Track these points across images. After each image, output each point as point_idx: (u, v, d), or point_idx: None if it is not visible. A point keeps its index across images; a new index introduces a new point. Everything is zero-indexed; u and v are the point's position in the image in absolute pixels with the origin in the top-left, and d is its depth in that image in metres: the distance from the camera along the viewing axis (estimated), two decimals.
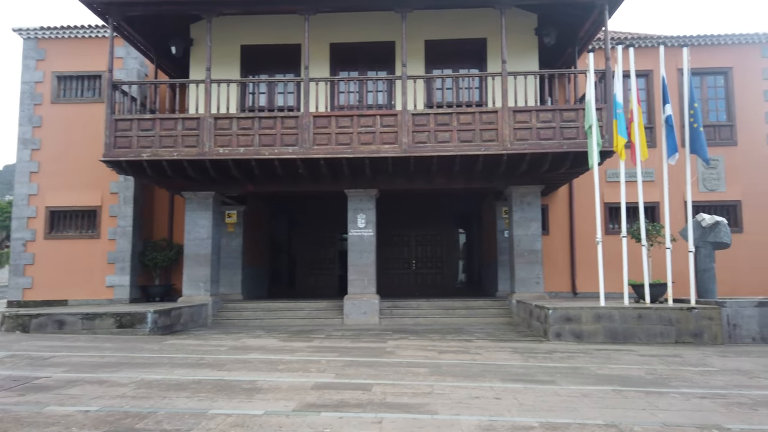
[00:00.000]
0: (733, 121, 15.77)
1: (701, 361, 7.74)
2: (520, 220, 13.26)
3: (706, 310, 9.75)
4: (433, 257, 19.13)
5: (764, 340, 9.65)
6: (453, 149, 11.70)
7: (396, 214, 18.49)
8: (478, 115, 11.76)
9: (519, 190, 13.27)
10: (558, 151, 11.63)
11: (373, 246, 13.38)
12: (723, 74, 15.93)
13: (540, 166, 12.20)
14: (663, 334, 9.74)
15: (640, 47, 15.68)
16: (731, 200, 15.59)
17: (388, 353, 8.21)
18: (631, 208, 12.04)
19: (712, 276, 11.45)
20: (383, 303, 13.57)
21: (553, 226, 16.08)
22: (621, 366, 7.26)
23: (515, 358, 7.82)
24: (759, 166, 15.60)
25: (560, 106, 11.83)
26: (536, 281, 13.11)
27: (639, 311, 9.84)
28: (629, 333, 9.78)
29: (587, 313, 9.91)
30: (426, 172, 12.80)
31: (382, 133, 11.83)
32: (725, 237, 11.33)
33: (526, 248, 13.19)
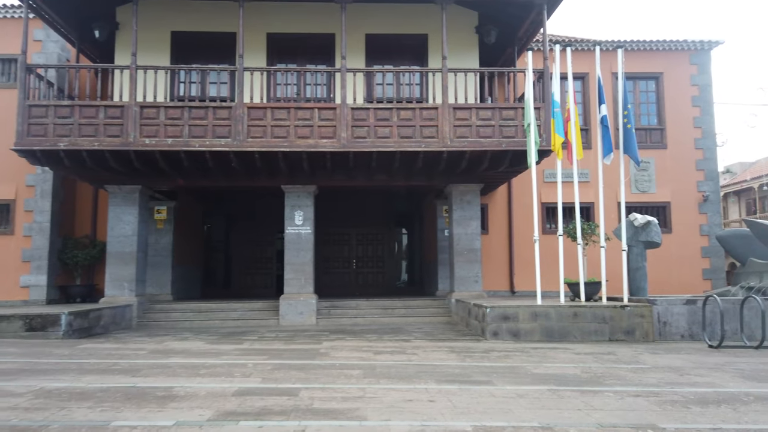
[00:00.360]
0: (663, 125, 16.32)
1: (634, 358, 7.78)
2: (459, 219, 13.17)
3: (638, 308, 9.91)
4: (375, 256, 18.85)
5: (692, 337, 9.90)
6: (393, 145, 11.45)
7: (337, 212, 18.12)
8: (418, 111, 11.56)
9: (459, 189, 13.18)
10: (497, 149, 11.58)
11: (311, 244, 12.95)
12: (654, 79, 16.47)
13: (479, 165, 12.13)
14: (597, 332, 9.82)
15: (576, 50, 15.97)
16: (661, 201, 16.12)
17: (322, 355, 7.84)
18: (567, 208, 12.17)
19: (643, 274, 11.72)
20: (321, 303, 13.16)
21: (492, 226, 16.14)
22: (557, 365, 7.18)
23: (452, 358, 7.61)
24: (687, 169, 16.20)
25: (500, 105, 11.80)
26: (475, 280, 13.05)
27: (574, 309, 9.88)
28: (565, 331, 9.81)
29: (524, 312, 9.87)
30: (366, 168, 12.50)
31: (321, 126, 11.43)
32: (656, 236, 11.62)
33: (466, 247, 13.11)
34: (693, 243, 15.96)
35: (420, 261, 19.54)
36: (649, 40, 16.21)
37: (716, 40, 16.11)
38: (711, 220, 16.03)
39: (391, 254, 19.11)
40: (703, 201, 16.06)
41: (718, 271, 15.84)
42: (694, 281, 15.72)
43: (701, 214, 16.09)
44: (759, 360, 7.66)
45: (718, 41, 16.14)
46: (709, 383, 6.02)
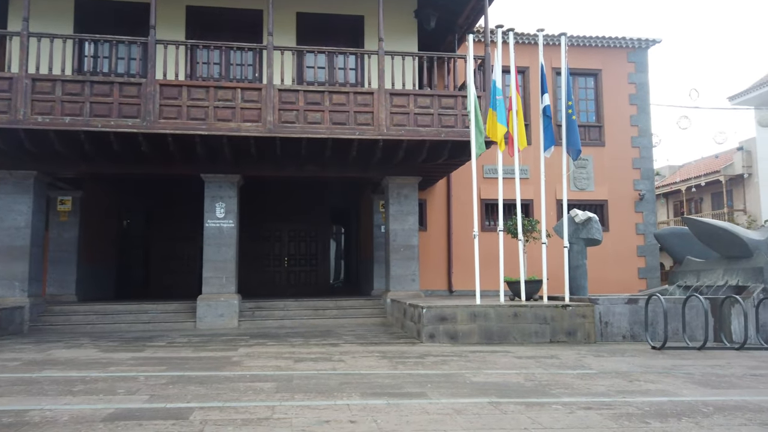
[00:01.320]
0: (601, 123, 16.18)
1: (578, 362, 7.20)
2: (396, 214, 12.38)
3: (580, 307, 9.43)
4: (308, 254, 17.81)
5: (634, 338, 9.51)
6: (324, 131, 10.51)
7: (267, 206, 16.96)
8: (352, 96, 10.67)
9: (396, 182, 12.39)
10: (436, 139, 10.87)
11: (233, 239, 11.80)
12: (593, 76, 16.31)
13: (417, 155, 11.39)
14: (538, 333, 9.26)
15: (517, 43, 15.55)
16: (599, 200, 15.97)
17: (233, 364, 6.80)
18: (507, 205, 11.65)
19: (583, 272, 11.31)
20: (245, 304, 12.04)
21: (431, 222, 15.49)
22: (498, 371, 6.47)
23: (383, 365, 6.77)
24: (624, 168, 16.13)
25: (439, 92, 11.09)
26: (412, 279, 12.31)
27: (515, 309, 9.28)
28: (505, 332, 9.19)
29: (462, 312, 9.18)
30: (295, 156, 11.49)
31: (244, 109, 10.33)
32: (597, 233, 11.23)
33: (402, 243, 12.34)
34: (629, 242, 15.90)
35: (357, 259, 18.67)
36: (589, 35, 16.03)
37: (654, 38, 16.13)
38: (646, 219, 16.02)
39: (325, 252, 18.12)
40: (639, 200, 16.03)
41: (653, 270, 15.84)
42: (630, 280, 15.64)
43: (637, 213, 16.06)
44: (705, 363, 7.25)
45: (655, 40, 16.17)
46: (663, 391, 5.45)
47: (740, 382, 5.92)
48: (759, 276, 10.06)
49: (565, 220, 10.42)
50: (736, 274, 10.61)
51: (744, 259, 10.52)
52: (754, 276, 10.17)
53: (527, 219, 11.19)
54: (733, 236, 10.54)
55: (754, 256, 10.35)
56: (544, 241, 10.15)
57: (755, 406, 4.83)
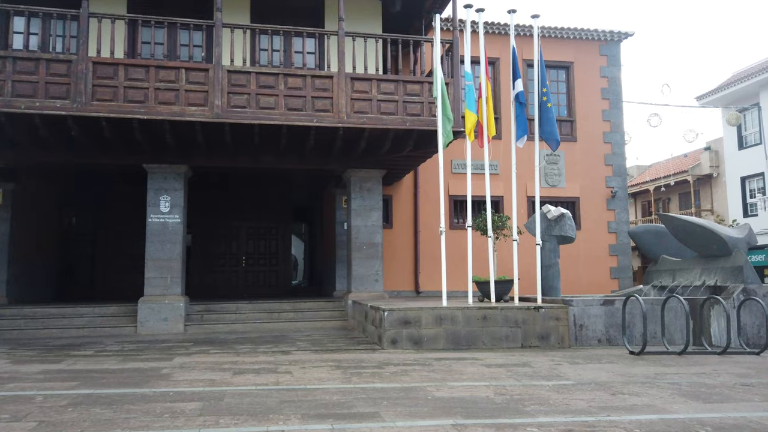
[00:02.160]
0: (573, 117, 15.65)
1: (553, 371, 6.49)
2: (359, 209, 11.55)
3: (554, 309, 8.76)
4: (268, 253, 16.81)
5: (610, 342, 8.89)
6: (279, 117, 9.61)
7: (224, 201, 15.92)
8: (310, 80, 9.80)
9: (359, 175, 11.57)
10: (401, 128, 10.08)
11: (179, 236, 10.79)
12: (565, 69, 15.78)
13: (381, 146, 10.58)
14: (509, 338, 8.55)
15: (487, 33, 14.91)
16: (571, 196, 15.43)
17: (161, 378, 5.87)
18: (476, 201, 10.99)
19: (556, 272, 10.67)
20: (193, 306, 11.05)
21: (397, 219, 14.70)
22: (464, 383, 5.70)
23: (335, 377, 5.93)
24: (596, 164, 15.63)
25: (404, 77, 10.31)
26: (375, 279, 11.50)
27: (484, 312, 8.55)
28: (473, 337, 8.45)
29: (427, 315, 8.41)
30: (249, 146, 10.56)
31: (189, 91, 9.37)
32: (570, 230, 10.61)
33: (365, 241, 11.51)
34: (601, 240, 15.40)
35: (320, 258, 17.79)
36: (561, 27, 15.47)
37: (626, 31, 15.68)
38: (619, 217, 15.55)
39: (286, 251, 17.15)
40: (612, 197, 15.56)
41: (626, 269, 15.37)
42: (602, 280, 15.15)
43: (609, 211, 15.57)
44: (689, 370, 6.62)
45: (627, 33, 15.73)
46: (651, 406, 4.75)
47: (733, 394, 5.28)
48: (738, 275, 9.57)
49: (537, 216, 9.75)
50: (713, 273, 10.12)
51: (722, 258, 10.02)
52: (733, 275, 9.67)
53: (497, 215, 10.51)
54: (711, 234, 10.03)
55: (732, 254, 9.86)
56: (515, 239, 9.47)
57: (758, 424, 4.17)
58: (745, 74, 24.23)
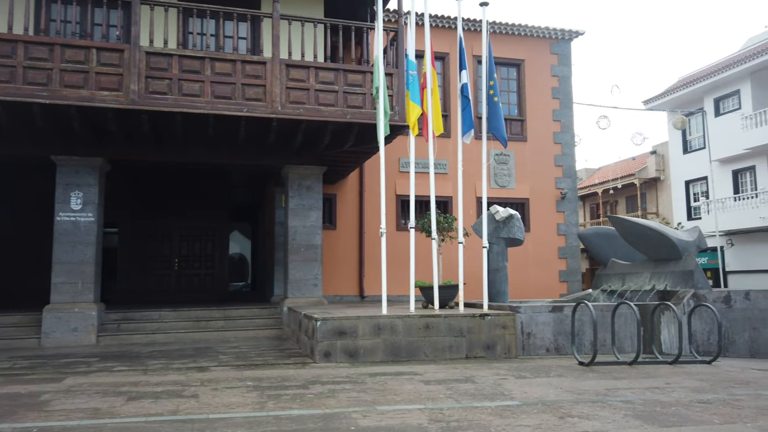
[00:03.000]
0: (524, 116, 15.27)
1: (498, 388, 5.86)
2: (297, 209, 10.72)
3: (500, 317, 8.18)
4: (203, 255, 15.72)
5: (558, 350, 8.38)
6: (204, 106, 8.69)
7: (154, 198, 14.76)
8: (240, 65, 8.92)
9: (297, 171, 10.74)
10: (341, 120, 9.33)
11: (93, 236, 9.69)
12: (516, 66, 15.38)
13: (320, 140, 9.80)
14: (453, 348, 7.92)
15: (435, 27, 14.37)
16: (521, 198, 15.03)
17: (35, 407, 4.90)
18: (425, 202, 10.38)
19: (504, 276, 10.15)
20: (109, 315, 9.98)
21: (341, 220, 13.94)
22: (396, 407, 4.99)
23: (248, 403, 5.11)
24: (546, 164, 15.30)
25: (345, 66, 9.55)
26: (314, 284, 10.68)
27: (426, 320, 7.88)
28: (414, 348, 7.77)
29: (365, 325, 7.67)
30: (173, 137, 9.59)
31: (101, 74, 8.34)
32: (518, 233, 10.11)
33: (304, 243, 10.69)
34: (550, 243, 15.07)
35: (262, 261, 16.82)
36: (511, 23, 15.07)
37: (577, 30, 15.43)
38: (568, 219, 15.26)
39: (223, 253, 16.09)
40: (561, 199, 15.26)
41: (575, 272, 15.10)
42: (552, 283, 14.81)
43: (559, 213, 15.27)
44: (642, 384, 6.12)
45: (578, 32, 15.48)
46: None
47: (691, 414, 4.77)
48: (688, 280, 9.26)
49: (484, 217, 9.18)
50: (663, 277, 9.80)
51: (672, 262, 9.71)
52: (683, 280, 9.37)
53: (443, 216, 9.90)
54: (661, 237, 9.71)
55: (683, 258, 9.56)
56: (460, 241, 8.85)
57: None
58: (690, 79, 24.66)
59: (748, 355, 9.06)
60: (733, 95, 23.11)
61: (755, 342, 9.14)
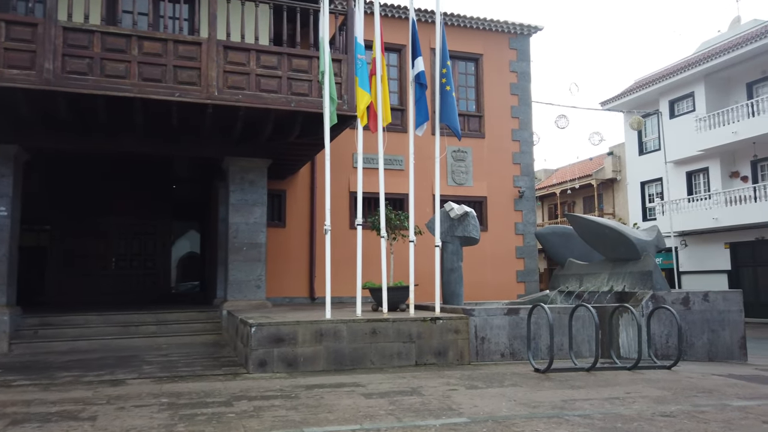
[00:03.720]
0: (482, 112, 14.85)
1: (446, 401, 5.29)
2: (239, 204, 9.95)
3: (453, 320, 7.64)
4: (144, 254, 14.73)
5: (513, 355, 7.89)
6: (131, 89, 7.84)
7: (88, 192, 13.69)
8: (172, 45, 8.11)
9: (239, 164, 9.97)
10: (285, 109, 8.61)
11: (6, 233, 8.71)
12: (474, 61, 14.95)
13: (262, 129, 9.07)
14: (402, 355, 7.33)
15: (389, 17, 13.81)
16: (478, 196, 14.60)
17: None
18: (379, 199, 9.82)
19: (459, 277, 9.62)
20: (27, 320, 9.00)
21: (291, 217, 13.20)
22: (329, 428, 4.35)
23: (153, 426, 4.37)
24: (504, 162, 14.92)
25: (289, 50, 8.84)
26: (257, 285, 9.94)
27: (373, 325, 7.27)
28: (360, 355, 7.15)
29: (305, 331, 7.01)
30: (97, 123, 8.69)
31: (10, 50, 7.41)
32: (474, 231, 9.60)
33: (246, 241, 9.93)
34: (508, 242, 14.69)
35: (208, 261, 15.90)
36: (470, 16, 14.62)
37: (536, 25, 15.11)
38: (526, 218, 14.92)
39: (166, 252, 15.13)
40: (519, 197, 14.90)
41: (532, 272, 14.76)
42: (508, 283, 14.43)
43: (516, 212, 14.91)
44: (601, 394, 5.66)
45: (537, 27, 15.16)
46: None
47: (654, 431, 4.29)
48: (647, 281, 8.93)
49: (437, 214, 8.63)
50: (622, 278, 9.46)
51: (631, 262, 9.39)
52: (642, 281, 9.04)
53: (395, 213, 9.31)
54: (619, 236, 9.37)
55: (642, 258, 9.23)
56: (411, 239, 8.28)
57: None
58: (646, 81, 24.87)
59: (706, 359, 8.79)
60: (687, 97, 23.38)
61: (713, 345, 8.88)
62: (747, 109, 20.29)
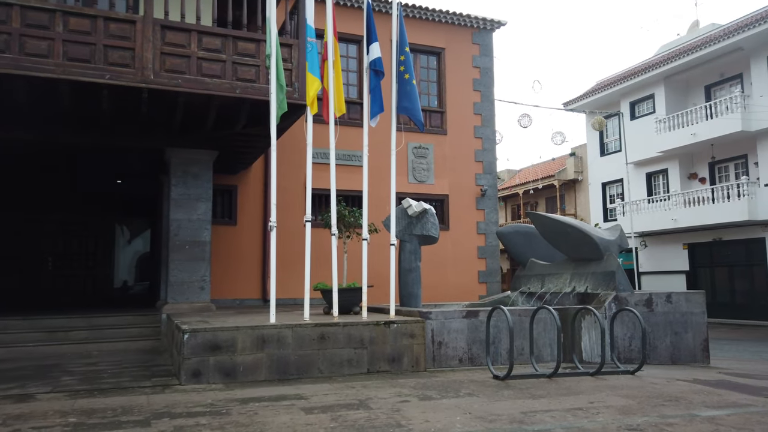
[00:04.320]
0: (444, 108, 14.43)
1: (394, 416, 4.77)
2: (181, 199, 9.23)
3: (408, 324, 7.13)
4: (85, 253, 13.78)
5: (472, 361, 7.44)
6: (54, 69, 7.08)
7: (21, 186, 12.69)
8: (102, 22, 7.36)
9: (181, 155, 9.25)
10: (229, 95, 7.97)
11: None
12: (436, 55, 14.52)
13: (204, 118, 8.40)
14: (352, 362, 6.78)
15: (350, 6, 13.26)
16: (440, 194, 14.18)
17: None
18: (344, 196, 9.31)
19: (417, 277, 9.13)
20: None
21: (243, 214, 12.50)
22: None
23: None
24: (466, 159, 14.53)
25: (234, 32, 8.18)
26: (200, 286, 9.24)
27: (322, 330, 6.70)
28: (306, 363, 6.57)
29: (246, 337, 6.38)
30: (19, 107, 7.85)
31: None
32: (433, 229, 9.12)
33: (189, 239, 9.22)
34: (470, 242, 14.31)
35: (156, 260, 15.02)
36: (432, 8, 14.19)
37: (499, 20, 14.79)
38: (488, 217, 14.56)
39: (108, 250, 14.20)
40: (481, 196, 14.54)
41: (494, 273, 14.42)
42: (470, 284, 14.05)
43: (478, 210, 14.54)
44: (564, 404, 5.23)
45: (501, 22, 14.84)
46: None
47: None
48: (610, 282, 8.62)
49: (392, 211, 8.12)
50: (584, 279, 9.14)
51: (594, 262, 9.07)
52: (605, 282, 8.72)
53: (348, 209, 8.76)
54: (582, 235, 9.04)
55: (605, 258, 8.92)
56: (365, 237, 7.74)
57: None
58: (608, 83, 24.99)
59: (669, 362, 8.53)
60: (648, 99, 23.57)
61: (676, 348, 8.63)
62: (705, 111, 20.50)
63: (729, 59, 20.40)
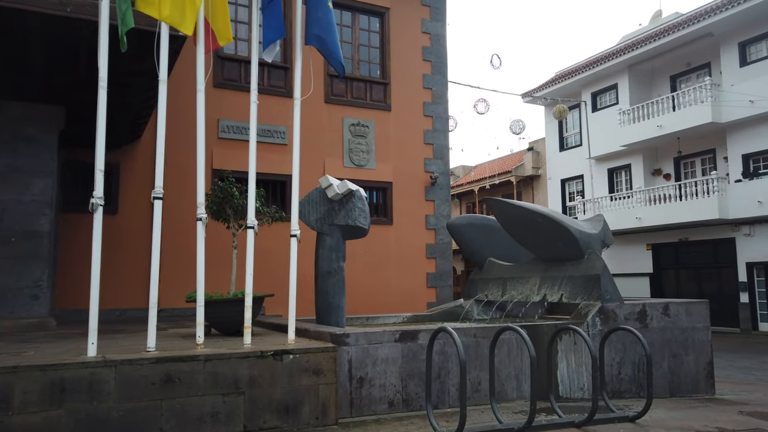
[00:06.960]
0: (387, 79, 12.13)
1: None
2: (6, 172, 6.57)
3: (311, 354, 4.75)
4: None
5: (408, 404, 5.13)
6: None
7: None
8: None
9: (8, 111, 6.58)
10: (54, 13, 5.37)
11: None
12: (379, 16, 12.21)
13: (26, 53, 5.77)
14: (219, 417, 4.35)
15: None
16: (382, 181, 11.87)
17: None
18: (261, 180, 6.85)
19: (340, 283, 6.69)
20: None
21: (127, 200, 9.84)
22: None
23: None
24: (413, 141, 12.28)
25: None
26: (33, 294, 6.58)
27: (168, 367, 4.25)
28: (140, 423, 4.10)
29: (32, 384, 3.88)
30: None
31: None
32: (361, 218, 6.71)
33: (17, 227, 6.57)
34: (417, 239, 12.05)
35: None
36: None
37: None
38: (439, 210, 12.35)
39: None
40: (432, 184, 12.31)
41: (445, 276, 12.20)
42: (417, 289, 11.82)
43: (428, 202, 12.30)
44: None
45: None
46: None
47: None
48: (593, 288, 6.49)
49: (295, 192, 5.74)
50: (558, 284, 6.99)
51: (570, 263, 6.93)
52: (586, 288, 6.59)
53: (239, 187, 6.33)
54: (556, 227, 6.89)
55: (585, 257, 6.80)
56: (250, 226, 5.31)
57: None
58: (568, 72, 23.36)
59: (667, 393, 6.47)
60: (610, 89, 22.04)
61: (675, 374, 6.58)
62: (672, 101, 19.02)
63: (697, 47, 18.98)
